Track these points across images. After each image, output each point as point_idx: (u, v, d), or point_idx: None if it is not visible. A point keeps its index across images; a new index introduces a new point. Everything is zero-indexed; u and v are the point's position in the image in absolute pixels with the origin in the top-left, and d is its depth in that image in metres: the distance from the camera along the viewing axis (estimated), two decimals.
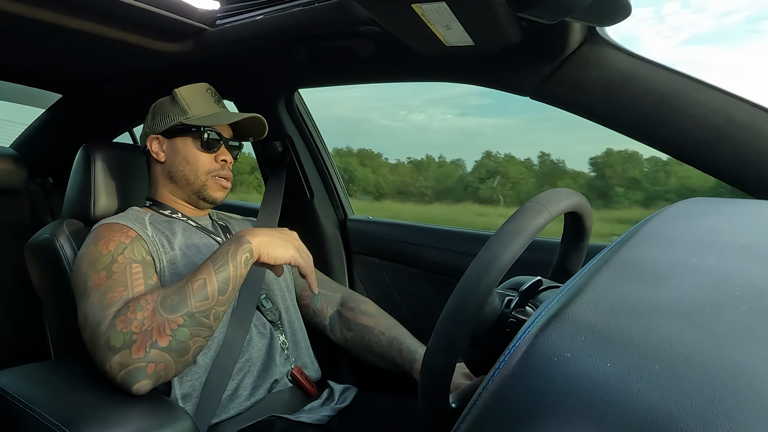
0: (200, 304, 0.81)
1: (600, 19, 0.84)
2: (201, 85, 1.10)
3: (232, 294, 0.85)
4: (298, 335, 1.09)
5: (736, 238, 0.54)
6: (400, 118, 4.40)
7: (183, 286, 0.82)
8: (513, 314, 0.65)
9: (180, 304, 0.80)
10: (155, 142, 1.08)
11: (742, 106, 0.86)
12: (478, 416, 0.38)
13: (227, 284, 0.83)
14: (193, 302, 0.81)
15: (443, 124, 10.99)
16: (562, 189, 0.66)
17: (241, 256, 0.85)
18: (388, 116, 11.28)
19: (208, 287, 0.82)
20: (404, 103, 13.37)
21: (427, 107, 11.53)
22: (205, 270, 0.84)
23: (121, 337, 0.78)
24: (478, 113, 10.98)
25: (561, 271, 0.79)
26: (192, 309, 0.80)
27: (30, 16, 0.98)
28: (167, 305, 0.80)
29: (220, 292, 0.83)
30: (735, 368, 0.33)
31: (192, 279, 0.83)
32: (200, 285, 0.82)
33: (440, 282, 1.34)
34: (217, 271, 0.83)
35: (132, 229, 0.96)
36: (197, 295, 0.81)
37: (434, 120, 11.26)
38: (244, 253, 0.86)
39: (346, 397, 1.06)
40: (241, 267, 0.85)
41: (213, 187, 1.07)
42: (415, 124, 4.34)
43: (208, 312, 0.82)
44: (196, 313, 0.81)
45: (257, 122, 1.10)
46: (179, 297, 0.81)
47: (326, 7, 1.01)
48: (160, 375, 0.79)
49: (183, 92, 1.07)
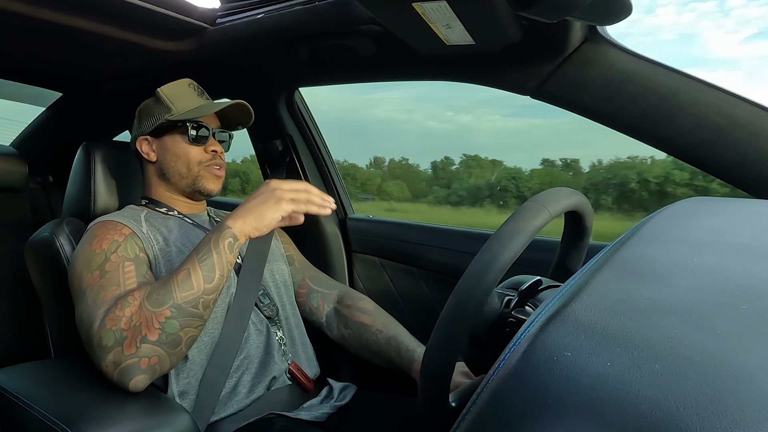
0: (186, 295, 0.81)
1: (601, 18, 0.84)
2: (183, 81, 1.10)
3: (221, 281, 0.85)
4: (294, 331, 1.09)
5: (736, 238, 0.54)
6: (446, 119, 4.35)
7: (168, 279, 0.83)
8: (513, 314, 0.65)
9: (166, 297, 0.81)
10: (144, 143, 1.08)
11: (743, 106, 0.86)
12: (478, 415, 0.38)
13: (213, 272, 0.84)
14: (179, 293, 0.81)
15: (491, 125, 10.81)
16: (562, 188, 0.66)
17: (223, 242, 0.85)
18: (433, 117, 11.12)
19: (192, 277, 0.82)
20: (450, 104, 13.18)
21: (474, 108, 11.37)
22: (189, 261, 0.85)
23: (112, 335, 0.78)
24: (528, 114, 10.73)
25: (561, 270, 0.79)
26: (178, 300, 0.81)
27: (30, 15, 0.98)
28: (153, 299, 0.81)
29: (206, 280, 0.83)
30: (735, 368, 0.33)
31: (177, 271, 0.84)
32: (184, 276, 0.83)
33: (440, 281, 1.34)
34: (200, 260, 0.84)
35: (126, 227, 0.96)
36: (182, 286, 0.82)
37: (482, 121, 11.10)
38: (227, 238, 0.86)
39: (346, 395, 1.06)
40: (225, 253, 0.85)
41: (207, 177, 1.06)
42: (462, 125, 4.27)
43: (195, 302, 0.82)
44: (182, 303, 0.81)
45: (243, 110, 1.10)
46: (165, 290, 0.81)
47: (327, 5, 1.01)
48: (155, 369, 0.79)
49: (165, 90, 1.07)
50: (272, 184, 0.89)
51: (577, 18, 0.83)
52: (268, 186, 0.89)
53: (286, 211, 0.87)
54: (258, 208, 0.87)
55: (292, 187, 0.89)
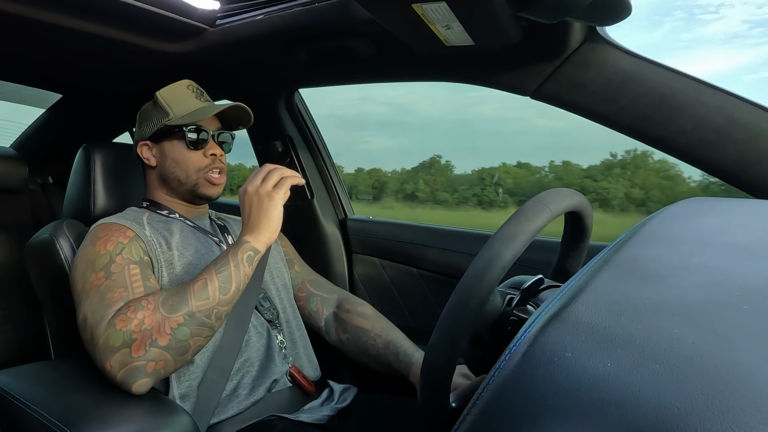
0: (201, 304, 0.82)
1: (600, 18, 0.84)
2: (181, 83, 1.08)
3: (236, 294, 0.85)
4: (295, 334, 1.09)
5: (736, 238, 0.54)
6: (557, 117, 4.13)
7: (184, 287, 0.83)
8: (514, 312, 0.65)
9: (181, 304, 0.81)
10: (145, 148, 1.08)
11: (743, 106, 0.86)
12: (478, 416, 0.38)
13: (229, 284, 0.84)
14: (194, 302, 0.82)
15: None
16: (564, 189, 0.66)
17: (242, 255, 0.86)
18: (543, 115, 10.67)
19: (209, 287, 0.83)
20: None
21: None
22: (207, 271, 0.85)
23: (121, 336, 0.78)
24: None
25: (561, 271, 0.79)
26: (192, 308, 0.81)
27: (30, 16, 0.98)
28: (168, 305, 0.81)
29: (222, 291, 0.83)
30: (735, 368, 0.33)
31: (194, 280, 0.84)
32: (201, 285, 0.83)
33: (440, 282, 1.34)
34: (218, 271, 0.85)
35: (130, 229, 0.96)
36: (198, 295, 0.82)
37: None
38: (246, 252, 0.87)
39: (346, 397, 1.06)
40: (244, 266, 0.86)
41: (205, 185, 1.06)
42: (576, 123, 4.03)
43: (209, 312, 0.82)
44: (196, 312, 0.81)
45: (242, 110, 1.08)
46: (180, 297, 0.82)
47: (326, 6, 1.01)
48: (159, 373, 0.80)
49: (163, 94, 1.06)
50: (248, 188, 0.91)
51: (577, 19, 0.83)
52: (248, 194, 0.90)
53: (282, 200, 0.89)
54: (262, 216, 0.89)
55: (265, 178, 0.91)
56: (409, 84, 1.40)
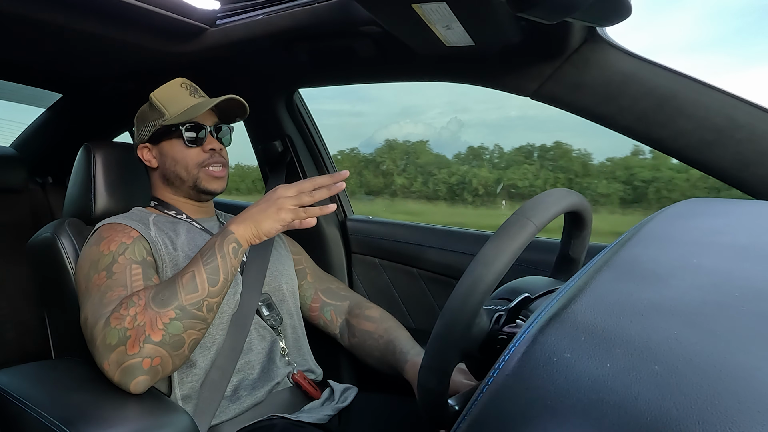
0: (191, 297, 0.81)
1: (600, 19, 0.84)
2: (175, 82, 1.08)
3: (225, 285, 0.85)
4: (301, 341, 1.09)
5: (736, 238, 0.54)
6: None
7: (173, 281, 0.83)
8: (503, 330, 0.65)
9: (171, 298, 0.81)
10: (145, 150, 1.08)
11: (743, 107, 0.86)
12: (477, 416, 0.38)
13: (217, 275, 0.84)
14: (184, 295, 0.81)
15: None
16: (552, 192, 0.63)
17: (227, 247, 0.86)
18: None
19: (197, 279, 0.83)
20: None
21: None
22: (194, 263, 0.85)
23: (116, 334, 0.78)
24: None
25: (565, 258, 0.78)
26: (183, 302, 0.81)
27: (30, 16, 0.98)
28: (158, 300, 0.81)
29: (210, 283, 0.83)
30: (734, 368, 0.33)
31: (182, 273, 0.84)
32: (189, 278, 0.83)
33: (440, 282, 1.34)
34: (205, 263, 0.84)
35: (134, 230, 0.96)
36: (187, 288, 0.82)
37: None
38: (230, 243, 0.86)
39: (347, 397, 1.06)
40: (229, 257, 0.85)
41: (206, 179, 1.06)
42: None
43: (200, 304, 0.82)
44: (187, 305, 0.81)
45: (237, 102, 1.07)
46: (170, 291, 0.82)
47: (326, 7, 1.01)
48: (157, 370, 0.79)
49: (157, 94, 1.06)
50: (278, 191, 0.88)
51: (577, 19, 0.83)
52: (274, 193, 0.88)
53: (285, 221, 0.87)
54: (258, 216, 0.87)
55: (297, 192, 0.87)
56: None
